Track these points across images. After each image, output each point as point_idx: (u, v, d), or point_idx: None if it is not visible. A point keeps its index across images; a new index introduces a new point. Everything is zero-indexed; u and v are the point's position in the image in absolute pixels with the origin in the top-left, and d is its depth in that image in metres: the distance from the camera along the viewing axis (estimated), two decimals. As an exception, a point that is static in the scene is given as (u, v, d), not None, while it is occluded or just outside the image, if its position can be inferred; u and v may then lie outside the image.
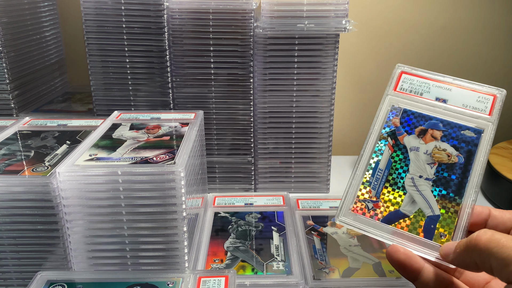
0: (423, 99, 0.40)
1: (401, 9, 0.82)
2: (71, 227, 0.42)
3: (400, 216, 0.35)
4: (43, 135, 0.51)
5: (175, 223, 0.42)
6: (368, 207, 0.36)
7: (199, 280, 0.38)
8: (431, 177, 0.36)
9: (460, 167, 0.36)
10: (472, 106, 0.39)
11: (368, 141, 0.38)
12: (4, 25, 0.62)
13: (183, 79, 0.62)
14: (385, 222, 0.35)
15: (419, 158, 0.37)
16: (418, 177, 0.36)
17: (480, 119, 0.38)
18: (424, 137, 0.38)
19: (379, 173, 0.37)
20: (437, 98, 0.39)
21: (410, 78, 0.41)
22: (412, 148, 0.38)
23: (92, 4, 0.58)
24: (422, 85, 0.40)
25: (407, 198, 0.36)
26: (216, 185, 0.67)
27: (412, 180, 0.36)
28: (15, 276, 0.44)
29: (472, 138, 0.37)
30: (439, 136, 0.38)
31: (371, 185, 0.37)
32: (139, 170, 0.40)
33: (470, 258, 0.28)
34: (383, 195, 0.36)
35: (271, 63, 0.61)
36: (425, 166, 0.37)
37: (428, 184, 0.36)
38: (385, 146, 0.38)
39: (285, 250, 0.49)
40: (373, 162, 0.38)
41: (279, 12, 0.59)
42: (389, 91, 0.41)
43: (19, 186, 0.41)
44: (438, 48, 0.85)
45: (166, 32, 0.59)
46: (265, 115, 0.64)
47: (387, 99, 0.40)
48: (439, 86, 0.40)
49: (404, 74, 0.41)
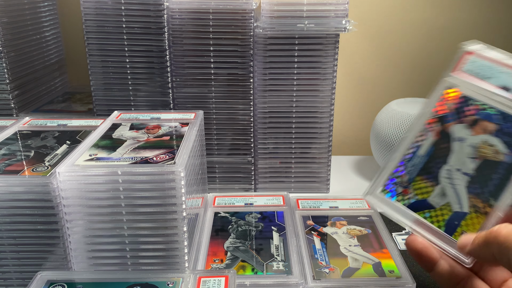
0: (485, 85, 0.35)
1: (401, 9, 0.82)
2: (71, 227, 0.42)
3: (426, 206, 0.34)
4: (43, 135, 0.51)
5: (175, 223, 0.42)
6: (398, 191, 0.35)
7: (199, 280, 0.38)
8: (470, 172, 0.34)
9: (505, 167, 0.33)
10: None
11: (415, 123, 0.36)
12: (4, 25, 0.62)
13: (183, 79, 0.62)
14: (411, 208, 0.34)
15: (462, 150, 0.34)
16: (456, 170, 0.34)
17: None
18: (474, 128, 0.35)
19: (417, 159, 0.35)
20: (503, 86, 0.35)
21: (475, 59, 0.37)
22: (457, 138, 0.35)
23: (92, 4, 0.58)
24: (488, 69, 0.36)
25: (438, 189, 0.34)
26: (216, 185, 0.67)
27: (449, 172, 0.34)
28: (15, 276, 0.44)
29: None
30: (491, 129, 0.34)
31: (406, 169, 0.35)
32: (139, 170, 0.40)
33: (488, 251, 0.28)
34: (415, 182, 0.35)
35: (271, 63, 0.61)
36: (466, 159, 0.34)
37: (464, 178, 0.34)
38: (431, 131, 0.36)
39: (285, 250, 0.49)
40: (414, 146, 0.36)
41: (279, 12, 0.59)
42: (448, 73, 0.37)
43: (19, 186, 0.40)
44: (438, 48, 0.85)
45: (166, 32, 0.59)
46: (265, 115, 0.64)
47: (443, 82, 0.37)
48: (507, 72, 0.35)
49: (469, 55, 0.37)
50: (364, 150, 0.89)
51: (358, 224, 0.53)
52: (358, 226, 0.53)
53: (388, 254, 0.48)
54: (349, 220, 0.54)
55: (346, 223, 0.54)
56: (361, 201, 0.58)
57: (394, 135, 0.68)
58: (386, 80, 0.87)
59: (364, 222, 0.54)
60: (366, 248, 0.49)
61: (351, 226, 0.53)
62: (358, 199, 0.59)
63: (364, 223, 0.54)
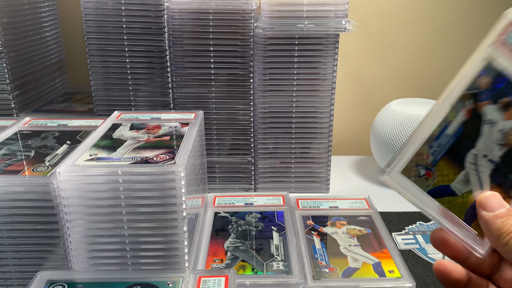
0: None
1: (401, 9, 0.82)
2: (71, 227, 0.42)
3: (448, 192, 0.32)
4: (43, 135, 0.51)
5: (175, 223, 0.42)
6: (420, 173, 0.32)
7: (199, 280, 0.38)
8: (496, 160, 0.32)
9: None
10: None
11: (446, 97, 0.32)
12: (4, 25, 0.62)
13: (183, 79, 0.62)
14: (431, 194, 0.32)
15: (491, 134, 0.32)
16: (483, 156, 0.32)
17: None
18: (507, 112, 0.32)
19: (444, 139, 0.32)
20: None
21: None
22: (488, 120, 0.32)
23: (92, 4, 0.58)
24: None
25: (462, 175, 0.32)
26: (216, 185, 0.67)
27: (475, 157, 0.32)
28: (15, 276, 0.44)
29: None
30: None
31: (431, 149, 0.32)
32: (139, 170, 0.40)
33: None
34: (439, 166, 0.32)
35: (271, 63, 0.61)
36: (494, 145, 0.32)
37: (489, 166, 0.32)
38: (462, 109, 0.32)
39: (285, 250, 0.49)
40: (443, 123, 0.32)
41: (279, 12, 0.59)
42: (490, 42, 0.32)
43: (19, 186, 0.41)
44: (438, 48, 0.85)
45: (166, 32, 0.59)
46: (265, 115, 0.64)
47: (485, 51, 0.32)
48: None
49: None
50: (364, 150, 0.89)
51: (358, 224, 0.53)
52: (358, 226, 0.53)
53: (388, 254, 0.48)
54: (349, 220, 0.54)
55: (346, 223, 0.54)
56: (361, 201, 0.58)
57: (394, 135, 0.68)
58: (386, 80, 0.87)
59: (364, 222, 0.54)
60: (366, 248, 0.49)
61: (351, 226, 0.53)
62: (358, 198, 0.59)
63: (364, 223, 0.54)
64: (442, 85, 0.95)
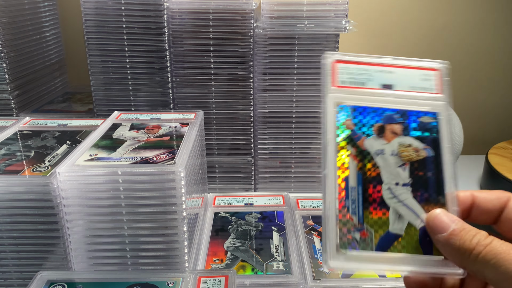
0: (369, 90, 0.33)
1: (401, 9, 0.82)
2: (71, 227, 0.42)
3: (392, 238, 0.30)
4: (43, 135, 0.51)
5: (175, 223, 0.42)
6: (356, 238, 0.30)
7: (199, 280, 0.38)
8: (408, 181, 0.31)
9: (431, 160, 0.31)
10: (420, 87, 0.33)
11: (326, 156, 0.31)
12: (4, 25, 0.62)
13: (183, 79, 0.62)
14: (380, 250, 0.30)
15: (388, 162, 0.31)
16: (395, 185, 0.31)
17: (432, 100, 0.33)
18: (384, 135, 0.32)
19: (354, 193, 0.31)
20: (383, 85, 0.34)
21: (346, 67, 0.34)
22: (377, 152, 0.32)
23: (92, 4, 0.58)
24: (362, 72, 0.34)
25: (392, 214, 0.30)
26: (216, 185, 0.67)
27: (390, 191, 0.31)
28: (15, 276, 0.44)
29: (432, 124, 0.32)
30: (399, 130, 0.32)
31: (349, 210, 0.30)
32: (139, 170, 0.40)
33: None
34: (367, 219, 0.30)
35: (271, 63, 0.61)
36: (397, 170, 0.31)
37: (407, 190, 0.31)
38: (348, 157, 0.31)
39: (285, 250, 0.49)
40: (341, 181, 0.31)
41: (279, 12, 0.59)
42: (328, 88, 0.33)
43: (19, 186, 0.41)
44: (438, 48, 0.85)
45: (166, 32, 0.59)
46: (265, 115, 0.64)
47: (328, 98, 0.33)
48: (380, 70, 0.34)
49: (338, 64, 0.34)
50: (364, 150, 0.89)
51: None
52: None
53: None
54: None
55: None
56: None
57: (394, 135, 0.68)
58: (386, 80, 0.87)
59: None
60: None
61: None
62: None
63: None
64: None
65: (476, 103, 0.89)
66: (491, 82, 0.87)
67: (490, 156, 0.70)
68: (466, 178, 0.75)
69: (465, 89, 0.87)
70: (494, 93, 0.88)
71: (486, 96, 0.88)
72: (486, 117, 0.90)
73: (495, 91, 0.88)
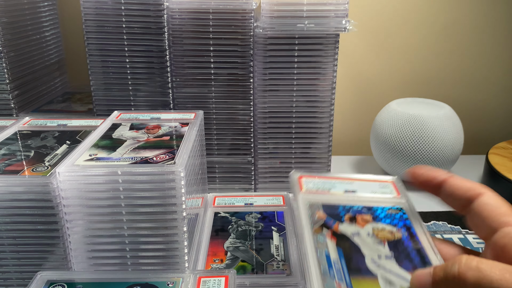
0: (334, 193, 0.37)
1: (401, 9, 0.82)
2: (71, 227, 0.42)
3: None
4: (43, 135, 0.51)
5: (175, 223, 0.42)
6: None
7: (199, 280, 0.38)
8: (389, 254, 0.31)
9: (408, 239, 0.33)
10: (381, 191, 0.37)
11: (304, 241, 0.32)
12: (4, 25, 0.62)
13: (183, 79, 0.62)
14: None
15: (366, 241, 0.32)
16: (378, 257, 0.31)
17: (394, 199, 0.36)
18: (357, 222, 0.34)
19: (336, 264, 0.30)
20: (346, 190, 0.37)
21: (311, 180, 0.38)
22: (352, 234, 0.33)
23: (92, 4, 0.58)
24: (326, 183, 0.38)
25: (381, 281, 0.29)
26: (216, 185, 0.67)
27: (374, 262, 0.31)
28: (15, 276, 0.44)
29: (400, 214, 0.35)
30: (369, 219, 0.34)
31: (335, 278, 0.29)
32: (139, 170, 0.40)
33: None
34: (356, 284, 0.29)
35: (271, 63, 0.61)
36: (376, 246, 0.32)
37: (391, 260, 0.31)
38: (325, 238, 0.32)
39: (285, 250, 0.49)
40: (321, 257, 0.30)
41: (279, 12, 0.59)
42: (298, 193, 0.36)
43: (19, 186, 0.40)
44: (438, 48, 0.85)
45: (166, 32, 0.59)
46: (265, 115, 0.64)
47: (300, 199, 0.36)
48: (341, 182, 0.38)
49: (303, 178, 0.38)
50: (364, 150, 0.89)
51: None
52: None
53: None
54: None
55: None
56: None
57: (394, 135, 0.68)
58: (386, 80, 0.87)
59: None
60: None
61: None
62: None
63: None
64: (442, 85, 0.95)
65: (477, 103, 0.89)
66: (491, 82, 0.87)
67: (491, 156, 0.70)
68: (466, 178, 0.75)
69: (465, 89, 0.87)
70: (494, 93, 0.88)
71: (486, 96, 0.88)
72: (487, 117, 0.90)
73: (495, 91, 0.88)
